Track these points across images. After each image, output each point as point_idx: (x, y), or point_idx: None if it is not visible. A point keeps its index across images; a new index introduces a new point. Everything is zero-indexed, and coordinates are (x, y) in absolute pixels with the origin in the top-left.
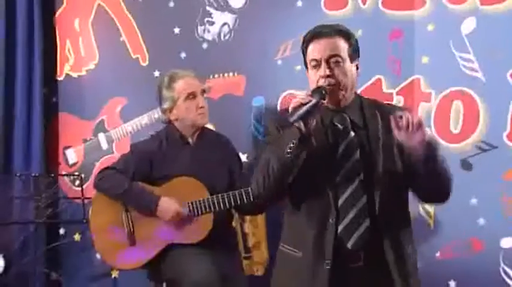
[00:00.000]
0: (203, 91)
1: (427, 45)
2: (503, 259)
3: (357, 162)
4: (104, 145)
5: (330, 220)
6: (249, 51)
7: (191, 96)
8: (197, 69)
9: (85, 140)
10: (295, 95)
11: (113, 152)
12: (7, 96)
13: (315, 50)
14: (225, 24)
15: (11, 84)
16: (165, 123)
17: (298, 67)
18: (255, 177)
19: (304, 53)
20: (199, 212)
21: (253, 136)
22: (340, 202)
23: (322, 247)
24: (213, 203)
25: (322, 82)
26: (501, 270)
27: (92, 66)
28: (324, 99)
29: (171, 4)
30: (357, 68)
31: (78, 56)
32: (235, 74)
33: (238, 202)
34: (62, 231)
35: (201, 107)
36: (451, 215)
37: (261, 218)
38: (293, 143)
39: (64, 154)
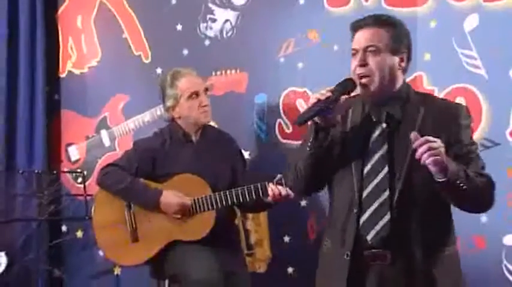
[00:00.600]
0: (206, 89)
1: (430, 42)
2: (506, 256)
3: (383, 156)
4: (106, 142)
5: (354, 211)
6: (251, 48)
7: (194, 95)
8: (199, 66)
9: (87, 137)
10: (295, 91)
11: (115, 149)
12: (10, 94)
13: (356, 39)
14: (227, 21)
15: (13, 82)
16: (168, 121)
17: (300, 64)
18: (287, 172)
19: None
20: (202, 210)
21: (255, 133)
22: (364, 193)
23: (345, 238)
24: (216, 201)
25: (357, 71)
26: (504, 267)
27: (94, 63)
28: (349, 93)
29: (173, 1)
30: (402, 61)
31: (80, 53)
32: (238, 71)
33: (241, 199)
34: (64, 228)
35: (204, 106)
36: (454, 212)
37: (263, 215)
38: (310, 140)
39: (66, 151)
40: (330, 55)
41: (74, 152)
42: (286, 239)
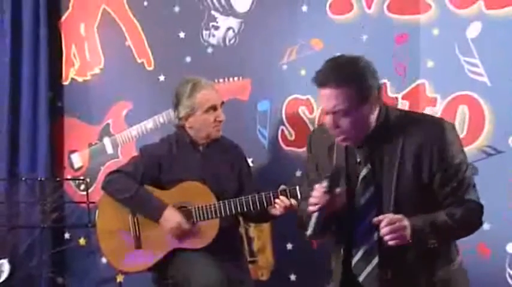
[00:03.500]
0: (222, 103)
1: (433, 49)
2: (510, 264)
3: (371, 197)
4: (109, 149)
5: (341, 253)
6: (254, 55)
7: (212, 109)
8: (202, 73)
9: (90, 145)
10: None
11: (118, 157)
12: (13, 101)
13: (322, 98)
14: (230, 28)
15: (17, 89)
16: (176, 127)
17: (304, 71)
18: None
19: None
20: (206, 218)
21: (258, 141)
22: (354, 235)
23: (337, 279)
24: (220, 209)
25: (331, 131)
26: (507, 275)
27: (97, 70)
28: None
29: (176, 9)
30: (373, 103)
31: (83, 60)
32: (240, 78)
33: (245, 209)
34: (67, 235)
35: (220, 121)
36: None
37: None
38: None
39: (69, 158)
40: None
41: (77, 160)
42: (289, 246)
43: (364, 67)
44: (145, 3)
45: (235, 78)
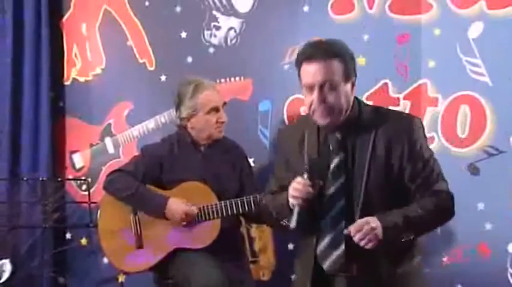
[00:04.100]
0: (224, 104)
1: (434, 49)
2: (511, 263)
3: (341, 186)
4: (111, 149)
5: (313, 241)
6: (255, 56)
7: (214, 110)
8: (203, 73)
9: (92, 145)
10: (300, 99)
11: (119, 157)
12: (15, 101)
13: (308, 74)
14: (231, 28)
15: (18, 89)
16: (177, 127)
17: None
18: (260, 209)
19: (298, 70)
20: (207, 218)
21: (259, 141)
22: (322, 224)
23: (306, 268)
24: (221, 209)
25: (316, 108)
26: (509, 275)
27: (98, 70)
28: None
29: (178, 9)
30: (353, 85)
31: (85, 60)
32: (242, 78)
33: (246, 208)
34: (68, 235)
35: (222, 122)
36: (458, 220)
37: None
38: (287, 221)
39: (71, 158)
40: None
41: (78, 160)
42: (291, 246)
43: (347, 48)
44: (147, 3)
45: (237, 79)
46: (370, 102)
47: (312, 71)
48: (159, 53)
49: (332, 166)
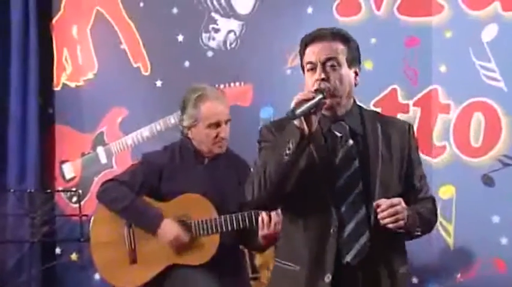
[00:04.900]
0: (228, 120)
1: (446, 53)
2: None
3: (356, 171)
4: (103, 159)
5: (332, 230)
6: (256, 59)
7: (214, 125)
8: (201, 78)
9: (83, 154)
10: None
11: (112, 167)
12: (1, 107)
13: (312, 52)
14: (231, 31)
15: (4, 95)
16: (181, 134)
17: None
18: (250, 182)
19: (302, 56)
20: (205, 233)
21: None
22: (341, 211)
23: (322, 260)
24: (220, 224)
25: (317, 86)
26: None
27: (90, 75)
28: (325, 99)
29: (175, 10)
30: (356, 74)
31: (76, 65)
32: (242, 83)
33: (247, 223)
34: (58, 250)
35: (222, 138)
36: (471, 234)
37: None
38: (292, 143)
39: (61, 168)
40: None
41: (69, 170)
42: None
43: (352, 37)
44: (142, 4)
45: (237, 84)
46: (378, 109)
47: (315, 50)
48: (155, 57)
49: (342, 152)
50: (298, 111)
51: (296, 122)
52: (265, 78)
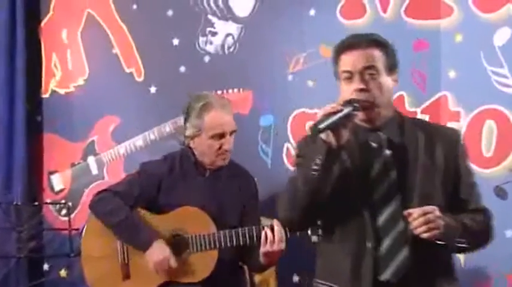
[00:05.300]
0: (233, 131)
1: (455, 58)
2: None
3: (394, 183)
4: (94, 170)
5: (368, 245)
6: (255, 65)
7: (218, 137)
8: (198, 84)
9: (73, 164)
10: (305, 113)
11: (103, 178)
12: None
13: (348, 60)
14: (229, 35)
15: None
16: (181, 145)
17: (311, 83)
18: (281, 199)
19: (336, 63)
20: (203, 248)
21: (260, 159)
22: (377, 226)
23: (359, 278)
24: (219, 239)
25: (356, 97)
26: None
27: (81, 81)
28: (357, 111)
29: (170, 13)
30: (395, 81)
31: (65, 70)
32: (241, 90)
33: (248, 240)
34: (46, 266)
35: (225, 150)
36: (483, 249)
37: None
38: (319, 159)
39: (49, 179)
40: None
41: (58, 181)
42: (295, 279)
43: (388, 42)
44: (135, 6)
45: (235, 90)
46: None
47: (351, 58)
48: (149, 62)
49: (378, 163)
50: (322, 125)
51: (323, 135)
52: (266, 84)
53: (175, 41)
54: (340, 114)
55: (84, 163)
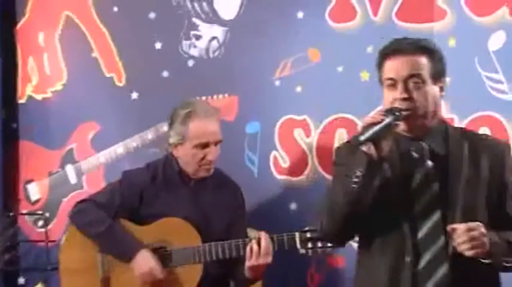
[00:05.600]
0: (218, 141)
1: (448, 63)
2: None
3: (435, 195)
4: (73, 179)
5: (406, 260)
6: (241, 69)
7: (201, 146)
8: (181, 90)
9: (50, 173)
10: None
11: (82, 187)
12: None
13: (392, 67)
14: (214, 38)
15: None
16: (166, 151)
17: (299, 88)
18: (319, 212)
19: (379, 68)
20: (187, 262)
21: (246, 168)
22: (417, 240)
23: None
24: (204, 253)
25: (399, 105)
26: None
27: (58, 87)
28: (399, 121)
29: (152, 15)
30: (441, 90)
31: (42, 75)
32: (226, 95)
33: (234, 253)
34: (22, 280)
35: (210, 161)
36: None
37: None
38: (360, 171)
39: (25, 189)
40: (333, 77)
41: (34, 191)
42: None
43: (437, 47)
44: (115, 9)
45: (220, 96)
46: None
47: (396, 65)
48: (130, 66)
49: (420, 174)
50: (363, 137)
51: (364, 147)
52: (252, 89)
53: (158, 45)
54: (380, 125)
55: (62, 172)
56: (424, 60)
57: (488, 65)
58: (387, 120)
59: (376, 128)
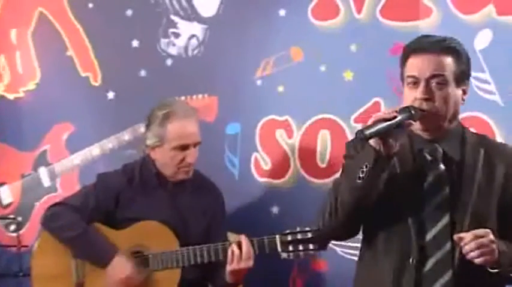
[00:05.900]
0: (197, 143)
1: None
2: None
3: (445, 199)
4: (46, 182)
5: (410, 261)
6: (221, 68)
7: (180, 148)
8: (159, 89)
9: (23, 176)
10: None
11: (56, 190)
12: None
13: (415, 65)
14: (193, 36)
15: None
16: (143, 152)
17: (281, 88)
18: (321, 208)
19: (402, 65)
20: (165, 266)
21: (227, 170)
22: (423, 243)
23: None
24: (182, 257)
25: (418, 105)
26: None
27: (31, 86)
28: (413, 120)
29: (129, 12)
30: (464, 93)
31: (15, 74)
32: (206, 96)
33: (213, 257)
34: None
35: (189, 163)
36: None
37: None
38: (366, 167)
39: None
40: (316, 77)
41: (6, 194)
42: None
43: (464, 48)
44: (91, 5)
45: (200, 96)
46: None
47: (419, 63)
48: (106, 65)
49: (431, 176)
50: (369, 131)
51: (372, 142)
52: (232, 89)
53: (135, 43)
54: (391, 122)
55: (35, 174)
56: (449, 61)
57: (475, 64)
58: (399, 118)
59: (385, 124)
